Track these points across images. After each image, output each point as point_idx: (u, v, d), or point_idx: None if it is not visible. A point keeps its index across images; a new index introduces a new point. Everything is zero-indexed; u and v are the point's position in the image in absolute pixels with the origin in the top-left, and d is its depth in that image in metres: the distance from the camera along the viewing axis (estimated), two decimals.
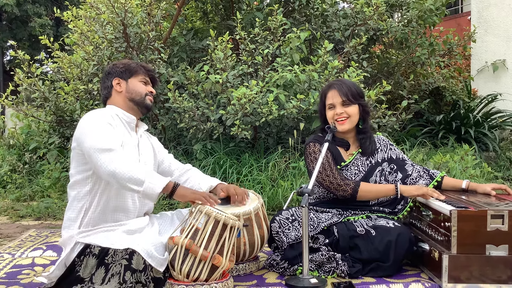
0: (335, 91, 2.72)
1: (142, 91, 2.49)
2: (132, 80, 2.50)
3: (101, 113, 2.35)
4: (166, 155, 2.68)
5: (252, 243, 2.51)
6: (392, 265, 2.46)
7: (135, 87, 2.49)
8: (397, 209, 2.73)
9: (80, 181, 2.33)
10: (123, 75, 2.50)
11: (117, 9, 4.57)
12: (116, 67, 2.52)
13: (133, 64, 2.53)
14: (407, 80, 5.81)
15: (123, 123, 2.43)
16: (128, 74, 2.50)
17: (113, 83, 2.49)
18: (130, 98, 2.47)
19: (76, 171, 2.34)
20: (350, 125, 2.72)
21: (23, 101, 5.70)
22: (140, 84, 2.51)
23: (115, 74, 2.50)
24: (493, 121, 6.41)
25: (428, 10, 5.44)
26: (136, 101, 2.48)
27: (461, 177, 4.36)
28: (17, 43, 6.14)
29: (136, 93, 2.48)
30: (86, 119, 2.31)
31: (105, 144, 2.18)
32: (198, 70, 4.89)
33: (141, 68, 2.54)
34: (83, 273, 2.14)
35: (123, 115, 2.45)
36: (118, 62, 2.56)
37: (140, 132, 2.54)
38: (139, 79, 2.51)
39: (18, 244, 3.39)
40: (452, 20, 9.44)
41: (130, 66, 2.52)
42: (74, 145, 2.33)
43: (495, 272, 2.26)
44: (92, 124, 2.27)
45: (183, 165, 2.69)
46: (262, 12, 5.52)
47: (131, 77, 2.50)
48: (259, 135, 5.05)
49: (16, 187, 5.57)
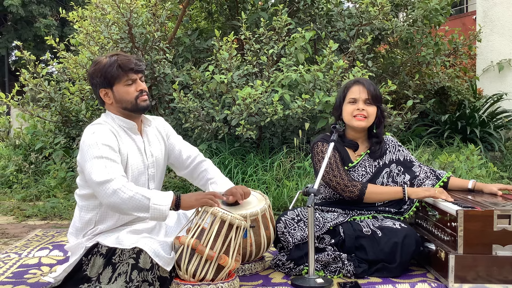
0: (362, 87, 2.69)
1: (130, 98, 2.29)
2: (116, 87, 2.29)
3: (99, 131, 2.23)
4: (178, 142, 2.59)
5: (259, 244, 2.51)
6: (398, 267, 2.45)
7: (122, 95, 2.29)
8: (403, 209, 2.72)
9: (88, 195, 2.30)
10: (105, 85, 2.29)
11: (123, 10, 4.58)
12: (95, 77, 2.30)
13: (110, 69, 2.26)
14: (412, 79, 5.79)
15: (123, 130, 2.36)
16: (110, 83, 2.28)
17: (101, 95, 2.32)
18: (122, 107, 2.32)
19: (84, 185, 2.31)
20: (367, 124, 2.70)
21: (28, 102, 5.73)
22: (126, 89, 2.29)
23: (99, 85, 2.31)
24: (498, 121, 6.38)
25: (433, 10, 5.42)
26: (129, 109, 2.32)
27: (467, 177, 4.35)
28: (22, 43, 6.17)
29: (125, 102, 2.30)
30: (84, 143, 2.21)
31: (102, 176, 2.10)
32: (203, 70, 4.90)
33: (119, 69, 2.26)
34: (90, 272, 2.15)
35: (121, 123, 2.35)
36: (96, 69, 2.30)
37: (146, 130, 2.45)
38: (123, 84, 2.29)
39: (25, 243, 3.41)
40: (457, 20, 9.42)
41: (107, 73, 2.26)
42: (79, 162, 2.27)
43: (501, 272, 2.26)
44: (90, 151, 2.17)
45: (195, 153, 2.61)
46: (267, 12, 5.52)
47: (114, 84, 2.28)
48: (264, 135, 5.05)
49: (22, 187, 5.59)
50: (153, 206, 2.12)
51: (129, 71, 2.28)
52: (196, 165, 2.61)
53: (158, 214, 2.13)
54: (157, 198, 2.14)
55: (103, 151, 2.16)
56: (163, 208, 2.13)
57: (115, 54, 2.32)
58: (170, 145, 2.57)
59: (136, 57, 2.37)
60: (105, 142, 2.19)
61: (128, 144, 2.32)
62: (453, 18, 9.13)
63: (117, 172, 2.14)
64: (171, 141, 2.58)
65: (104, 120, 2.34)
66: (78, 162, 2.27)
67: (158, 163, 2.46)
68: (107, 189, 2.10)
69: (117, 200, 2.09)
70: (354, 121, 2.68)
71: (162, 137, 2.53)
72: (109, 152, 2.18)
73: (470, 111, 6.19)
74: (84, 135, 2.25)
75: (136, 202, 2.10)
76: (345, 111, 2.72)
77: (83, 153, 2.20)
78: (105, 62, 2.28)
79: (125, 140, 2.32)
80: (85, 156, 2.18)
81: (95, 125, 2.29)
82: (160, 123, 2.57)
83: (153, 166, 2.43)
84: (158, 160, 2.47)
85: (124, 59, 2.28)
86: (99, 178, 2.10)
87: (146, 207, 2.12)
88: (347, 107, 2.71)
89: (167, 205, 2.14)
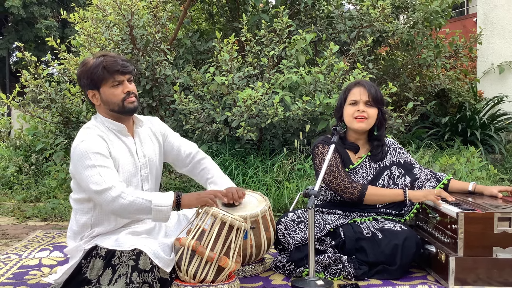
0: (363, 88, 2.69)
1: (117, 100, 2.25)
2: (103, 89, 2.25)
3: (88, 139, 2.19)
4: (176, 140, 2.57)
5: (259, 245, 2.52)
6: (399, 269, 2.45)
7: (108, 97, 2.26)
8: (403, 211, 2.72)
9: (81, 199, 2.28)
10: (92, 86, 2.26)
11: (124, 11, 4.59)
12: (82, 78, 2.27)
13: (96, 70, 2.22)
14: (413, 82, 5.80)
15: (113, 132, 2.32)
16: (97, 84, 2.25)
17: (89, 96, 2.30)
18: (109, 109, 2.29)
19: (77, 189, 2.29)
20: (367, 126, 2.70)
21: (29, 103, 5.74)
22: (113, 91, 2.25)
23: (86, 86, 2.27)
24: (499, 123, 6.38)
25: (434, 12, 5.43)
26: (116, 111, 2.28)
27: (467, 179, 4.35)
28: (23, 44, 6.18)
29: (112, 104, 2.27)
30: (75, 152, 2.18)
31: (99, 185, 2.10)
32: (204, 71, 4.90)
33: (105, 71, 2.22)
34: (90, 274, 2.15)
35: (111, 125, 2.31)
36: (83, 70, 2.27)
37: (138, 131, 2.41)
38: (109, 85, 2.24)
39: (25, 244, 3.41)
40: (458, 22, 9.42)
41: (93, 75, 2.23)
42: (71, 169, 2.25)
43: (502, 274, 2.26)
44: (81, 161, 2.15)
45: (194, 150, 2.60)
46: (268, 14, 5.53)
47: (101, 86, 2.25)
48: (265, 136, 5.05)
49: (22, 188, 5.59)
50: (155, 207, 2.13)
51: (114, 72, 2.23)
52: (196, 162, 2.60)
53: (160, 215, 2.15)
54: (158, 199, 2.14)
55: (95, 160, 2.14)
56: (165, 208, 2.14)
57: (102, 55, 2.28)
58: (168, 144, 2.55)
59: (123, 58, 2.32)
60: (95, 150, 2.16)
61: (118, 147, 2.30)
62: (454, 20, 9.13)
63: (113, 179, 2.14)
64: (169, 140, 2.56)
65: (93, 124, 2.31)
66: (70, 171, 2.25)
67: (151, 164, 2.43)
68: (107, 197, 2.11)
69: (119, 206, 2.11)
70: (355, 123, 2.68)
71: (156, 137, 2.50)
72: (101, 159, 2.16)
73: (470, 113, 6.19)
74: (74, 143, 2.21)
75: (138, 206, 2.11)
76: (346, 113, 2.72)
77: (75, 163, 2.18)
78: (92, 64, 2.24)
79: (115, 143, 2.30)
80: (78, 167, 2.17)
81: (84, 130, 2.26)
82: (155, 123, 2.54)
83: (146, 167, 2.40)
84: (152, 160, 2.44)
85: (110, 60, 2.23)
86: (97, 188, 2.11)
87: (148, 209, 2.13)
88: (347, 109, 2.71)
89: (168, 205, 2.14)
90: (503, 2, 7.27)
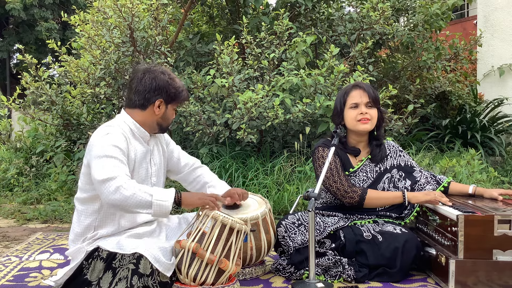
0: (362, 91, 2.69)
1: (171, 120, 2.46)
2: (170, 106, 2.42)
3: (113, 133, 2.27)
4: (176, 150, 2.65)
5: (259, 248, 2.52)
6: (399, 272, 2.46)
7: (169, 115, 2.43)
8: (404, 214, 2.73)
9: (88, 199, 2.30)
10: (168, 99, 2.38)
11: (124, 14, 4.60)
12: (169, 86, 2.37)
13: (181, 92, 2.41)
14: (413, 84, 5.80)
15: (134, 136, 2.37)
16: (172, 101, 2.40)
17: (155, 103, 2.36)
18: (159, 123, 2.42)
19: (85, 188, 2.31)
20: (371, 127, 2.70)
21: (30, 105, 5.74)
22: (173, 112, 2.45)
23: (163, 94, 2.37)
24: (499, 126, 6.38)
25: (434, 15, 5.44)
26: (161, 127, 2.44)
27: (468, 182, 4.35)
28: (24, 46, 6.19)
29: (167, 121, 2.44)
30: (95, 141, 2.25)
31: (106, 173, 2.12)
32: (204, 74, 4.91)
33: (183, 97, 2.44)
34: (91, 276, 2.16)
35: (137, 130, 2.38)
36: (172, 84, 2.39)
37: (153, 140, 2.48)
38: (174, 107, 2.44)
39: (26, 247, 3.41)
40: (458, 24, 9.43)
41: (176, 94, 2.39)
42: (86, 163, 2.29)
43: (502, 277, 2.26)
44: (99, 149, 2.20)
45: (192, 161, 2.69)
46: (268, 16, 5.54)
47: (171, 103, 2.41)
48: (265, 139, 5.06)
49: (23, 190, 5.59)
50: (156, 202, 2.12)
51: (183, 102, 2.53)
52: (192, 170, 2.66)
53: (161, 209, 2.14)
54: (160, 194, 2.15)
55: (113, 152, 2.19)
56: (166, 203, 2.14)
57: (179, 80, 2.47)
58: (169, 152, 2.61)
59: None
60: (116, 144, 2.23)
61: (136, 151, 2.35)
62: (454, 22, 9.14)
63: (121, 171, 2.16)
64: (170, 148, 2.62)
65: (117, 124, 2.36)
66: (85, 159, 2.29)
67: (159, 172, 2.50)
68: (110, 187, 2.10)
69: (120, 197, 2.09)
70: (360, 125, 2.67)
71: (161, 146, 2.56)
72: (119, 153, 2.21)
73: (470, 115, 6.19)
74: (96, 135, 2.27)
75: (139, 198, 2.10)
76: (348, 117, 2.70)
77: (93, 150, 2.22)
78: (180, 84, 2.43)
79: (135, 146, 2.35)
80: (95, 154, 2.20)
81: (108, 127, 2.31)
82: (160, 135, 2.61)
83: (156, 175, 2.46)
84: (159, 169, 2.51)
85: (186, 90, 2.48)
86: (103, 176, 2.11)
87: (149, 203, 2.12)
88: (349, 113, 2.70)
89: (169, 200, 2.14)
90: (503, 5, 7.28)
